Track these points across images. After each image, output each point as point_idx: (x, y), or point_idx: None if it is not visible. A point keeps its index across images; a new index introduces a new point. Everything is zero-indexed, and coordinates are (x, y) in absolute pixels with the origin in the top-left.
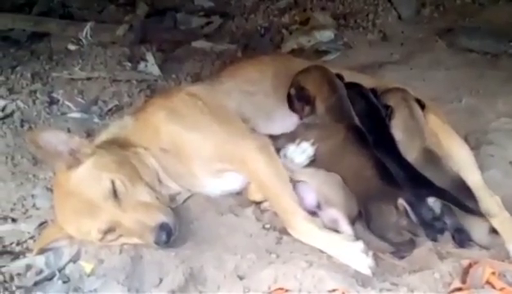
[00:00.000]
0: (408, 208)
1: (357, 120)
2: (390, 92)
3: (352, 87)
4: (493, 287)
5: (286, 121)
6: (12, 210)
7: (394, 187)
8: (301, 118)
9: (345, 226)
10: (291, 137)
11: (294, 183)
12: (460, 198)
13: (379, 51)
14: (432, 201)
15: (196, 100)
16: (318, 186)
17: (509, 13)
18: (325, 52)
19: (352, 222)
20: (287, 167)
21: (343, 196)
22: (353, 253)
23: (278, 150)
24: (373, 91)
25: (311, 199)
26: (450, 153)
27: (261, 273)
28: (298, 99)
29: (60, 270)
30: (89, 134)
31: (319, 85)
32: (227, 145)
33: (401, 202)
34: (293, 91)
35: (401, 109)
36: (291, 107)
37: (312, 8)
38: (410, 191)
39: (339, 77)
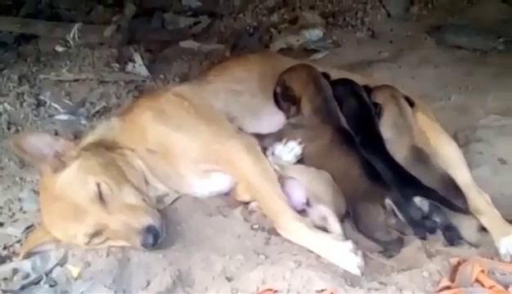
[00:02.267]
0: (395, 208)
1: (343, 121)
2: (379, 90)
3: (345, 84)
4: (482, 285)
5: (273, 120)
6: None
7: (381, 187)
8: (288, 118)
9: (334, 223)
10: (278, 136)
11: (283, 179)
12: (449, 196)
13: (368, 49)
14: (419, 200)
15: (183, 100)
16: (307, 183)
17: (497, 10)
18: (314, 51)
19: (341, 220)
20: (276, 164)
21: (332, 193)
22: (342, 253)
23: (265, 149)
24: (365, 88)
25: (300, 196)
26: (438, 151)
27: (249, 275)
28: (283, 98)
29: (47, 274)
30: (77, 136)
31: (304, 85)
32: (214, 145)
33: (388, 201)
34: (278, 90)
35: (390, 106)
36: (278, 105)
37: (300, 7)
38: (397, 191)
39: (326, 76)
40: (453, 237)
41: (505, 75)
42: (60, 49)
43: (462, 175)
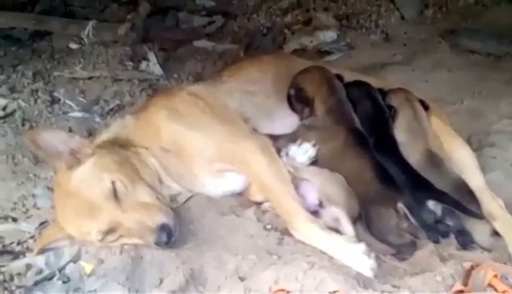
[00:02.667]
0: (407, 212)
1: (357, 123)
2: (394, 93)
3: (360, 86)
4: (495, 289)
5: (287, 121)
6: (13, 209)
7: (394, 190)
8: (301, 119)
9: (347, 225)
10: (292, 138)
11: (297, 181)
12: (462, 200)
13: (382, 51)
14: (432, 204)
15: (197, 99)
16: (321, 184)
17: (511, 14)
18: (328, 53)
19: (354, 222)
20: (290, 165)
21: (345, 195)
22: (355, 255)
23: (279, 150)
24: (380, 90)
25: (313, 197)
26: (452, 155)
27: (262, 275)
28: (297, 100)
29: (60, 270)
30: (90, 133)
31: (318, 86)
32: (228, 145)
33: (400, 205)
34: (292, 92)
35: (405, 110)
36: (291, 107)
37: (314, 8)
38: (410, 194)
39: (339, 77)
40: (466, 241)
41: None
42: (74, 46)
43: (475, 180)
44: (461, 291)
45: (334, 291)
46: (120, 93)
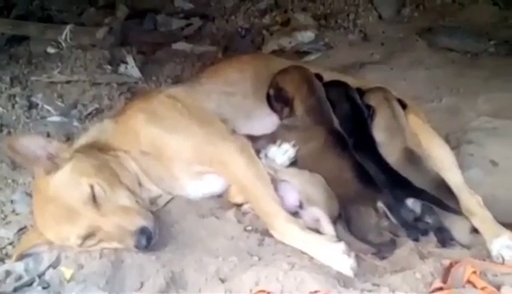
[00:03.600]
0: (387, 210)
1: (336, 123)
2: (372, 92)
3: (338, 86)
4: (474, 286)
5: (266, 121)
6: None
7: (373, 189)
8: (281, 119)
9: (327, 225)
10: (272, 138)
11: (277, 182)
12: (441, 197)
13: (360, 51)
14: (411, 202)
15: (175, 101)
16: (300, 185)
17: (488, 12)
18: (307, 53)
19: (334, 222)
20: (269, 167)
21: (324, 195)
22: (335, 254)
23: (258, 151)
24: (358, 90)
25: (293, 198)
26: (430, 153)
27: (243, 276)
28: (276, 99)
29: (39, 276)
30: (69, 138)
31: (297, 86)
32: (207, 147)
33: (380, 204)
34: (272, 92)
35: (383, 109)
36: (271, 107)
37: (292, 9)
38: (389, 193)
39: (319, 77)
40: (445, 238)
41: (496, 77)
42: (51, 51)
43: (454, 177)
44: (441, 289)
45: (315, 291)
46: (99, 97)
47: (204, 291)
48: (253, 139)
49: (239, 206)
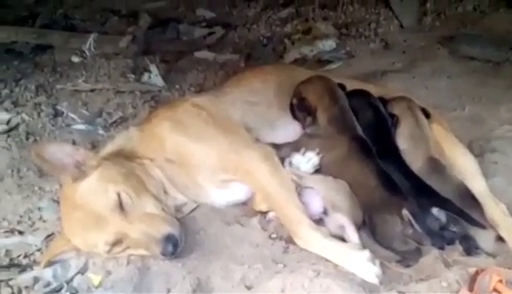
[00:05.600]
0: (412, 218)
1: (360, 131)
2: (395, 101)
3: (361, 95)
4: None
5: (289, 130)
6: (19, 222)
7: (398, 197)
8: (303, 128)
9: (351, 232)
10: (295, 147)
11: (301, 189)
12: (466, 206)
13: (382, 59)
14: (436, 210)
15: (200, 110)
16: (325, 192)
17: (510, 21)
18: (328, 61)
19: (358, 229)
20: (294, 173)
21: (349, 202)
22: (360, 262)
23: (282, 159)
24: (381, 99)
25: (317, 205)
26: (454, 162)
27: (268, 283)
28: (299, 109)
29: (67, 282)
30: (94, 146)
31: (320, 95)
32: (231, 155)
33: (405, 212)
34: (294, 101)
35: (407, 118)
36: (293, 116)
37: (313, 18)
38: (414, 201)
39: (341, 87)
40: (470, 247)
41: None
42: (76, 59)
43: (478, 186)
44: None
45: None
46: (123, 105)
47: None
48: (276, 147)
49: (263, 213)
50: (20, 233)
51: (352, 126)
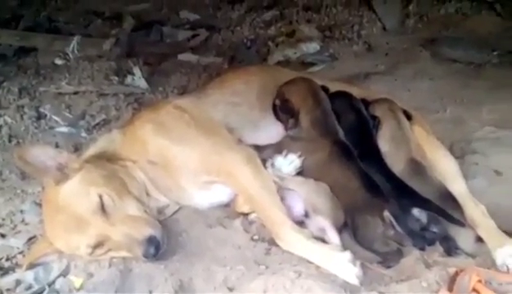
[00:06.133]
0: (393, 220)
1: (341, 134)
2: (377, 103)
3: (343, 97)
4: None
5: (272, 131)
6: (1, 225)
7: (380, 199)
8: (286, 130)
9: (332, 234)
10: (277, 148)
11: (283, 191)
12: (446, 207)
13: (365, 61)
14: (417, 211)
15: (183, 112)
16: (306, 194)
17: (491, 23)
18: (312, 64)
19: (339, 231)
20: (275, 175)
21: (330, 205)
22: (341, 263)
23: (264, 161)
24: (363, 101)
25: (299, 208)
26: (435, 164)
27: (250, 285)
28: (282, 110)
29: (49, 285)
30: (77, 148)
31: (303, 97)
32: (214, 157)
33: (386, 213)
34: (277, 102)
35: (389, 120)
36: (276, 117)
37: (297, 20)
38: (395, 203)
39: (324, 89)
40: (451, 247)
41: (500, 88)
42: (59, 62)
43: (458, 187)
44: None
45: None
46: (106, 108)
47: None
48: (259, 149)
49: (245, 215)
50: (2, 235)
51: (334, 130)
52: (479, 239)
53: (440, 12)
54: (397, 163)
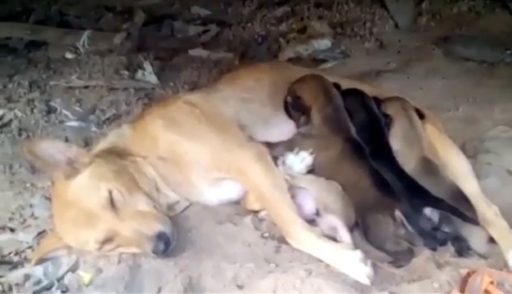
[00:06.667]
0: (404, 219)
1: (353, 131)
2: (389, 101)
3: (355, 95)
4: None
5: (283, 128)
6: (10, 219)
7: (391, 198)
8: (298, 127)
9: (344, 233)
10: (289, 146)
11: (294, 189)
12: (458, 207)
13: (377, 59)
14: (429, 211)
15: (193, 108)
16: (317, 193)
17: (505, 22)
18: (323, 61)
19: (351, 230)
20: (286, 174)
21: (341, 203)
22: (352, 262)
23: (275, 158)
24: (375, 99)
25: (310, 206)
26: (447, 163)
27: (260, 283)
28: (294, 108)
29: (58, 280)
30: (87, 142)
31: (315, 94)
32: (224, 154)
33: (397, 213)
34: (289, 100)
35: (401, 118)
36: (288, 114)
37: (309, 17)
38: (407, 201)
39: (336, 86)
40: (462, 248)
41: None
42: (70, 56)
43: (471, 187)
44: None
45: None
46: (116, 102)
47: None
48: (270, 146)
49: (256, 212)
50: (12, 230)
51: (346, 127)
52: (491, 240)
53: (453, 10)
54: (408, 162)
